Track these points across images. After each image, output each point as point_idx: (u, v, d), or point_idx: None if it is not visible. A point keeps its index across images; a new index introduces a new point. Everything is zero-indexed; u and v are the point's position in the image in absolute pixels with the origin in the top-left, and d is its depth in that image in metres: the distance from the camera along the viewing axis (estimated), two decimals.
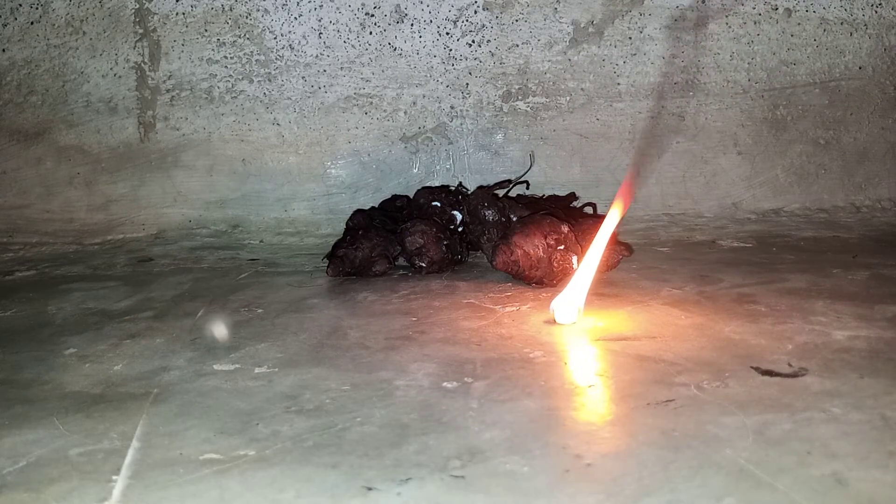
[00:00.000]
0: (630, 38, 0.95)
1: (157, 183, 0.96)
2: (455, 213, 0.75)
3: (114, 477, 0.32)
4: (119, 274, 0.76)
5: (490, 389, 0.41)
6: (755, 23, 0.96)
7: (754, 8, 0.96)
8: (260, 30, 0.94)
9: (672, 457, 0.32)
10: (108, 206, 0.95)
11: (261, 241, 0.90)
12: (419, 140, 0.96)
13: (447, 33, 0.94)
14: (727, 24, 0.96)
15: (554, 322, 0.54)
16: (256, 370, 0.46)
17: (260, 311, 0.60)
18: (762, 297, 0.59)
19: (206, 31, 0.94)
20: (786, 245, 0.81)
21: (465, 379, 0.43)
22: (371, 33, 0.94)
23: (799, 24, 0.97)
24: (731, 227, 0.91)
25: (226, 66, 0.95)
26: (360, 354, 0.48)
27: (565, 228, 0.65)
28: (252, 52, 0.94)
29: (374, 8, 0.94)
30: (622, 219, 0.57)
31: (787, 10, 0.96)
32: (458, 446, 0.34)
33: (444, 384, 0.42)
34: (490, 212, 0.73)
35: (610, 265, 0.69)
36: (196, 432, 0.36)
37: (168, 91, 0.95)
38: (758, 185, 0.98)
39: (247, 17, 0.94)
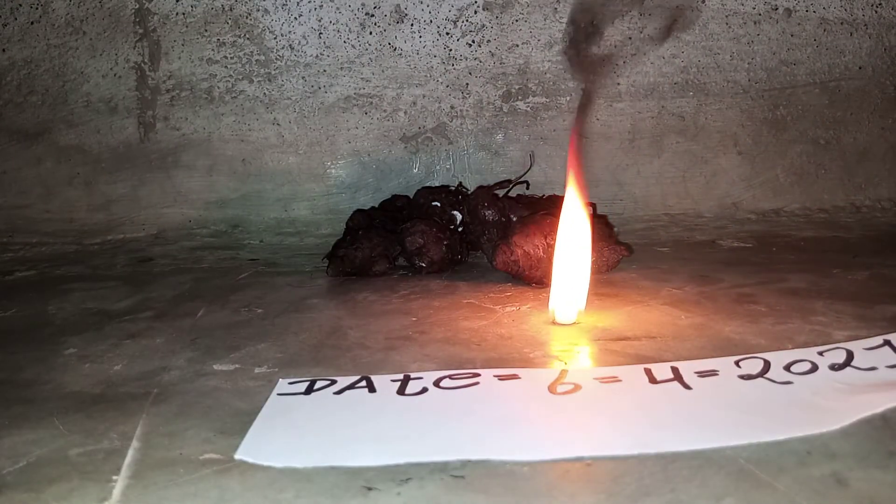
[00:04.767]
0: (630, 38, 0.95)
1: (157, 183, 0.96)
2: (455, 213, 0.75)
3: (114, 477, 0.32)
4: (119, 274, 0.76)
5: None
6: (755, 23, 0.96)
7: (754, 8, 0.96)
8: (260, 30, 0.94)
9: (672, 457, 0.32)
10: (108, 205, 0.95)
11: (261, 241, 0.90)
12: (419, 140, 0.96)
13: (447, 33, 0.95)
14: (727, 24, 0.96)
15: (554, 322, 0.54)
16: (256, 370, 0.46)
17: (260, 311, 0.60)
18: (762, 297, 0.59)
19: (206, 31, 0.94)
20: (786, 245, 0.81)
21: None
22: (371, 33, 0.94)
23: (799, 24, 0.97)
24: (731, 227, 0.91)
25: (226, 66, 0.95)
26: (360, 354, 0.48)
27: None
28: (252, 52, 0.94)
29: (374, 8, 0.94)
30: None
31: (787, 10, 0.96)
32: None
33: None
34: (490, 212, 0.73)
35: (610, 265, 0.69)
36: (196, 432, 0.36)
37: (168, 91, 0.95)
38: (758, 185, 0.98)
39: (247, 17, 0.94)
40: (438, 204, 0.76)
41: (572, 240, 0.55)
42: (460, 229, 0.75)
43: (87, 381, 0.45)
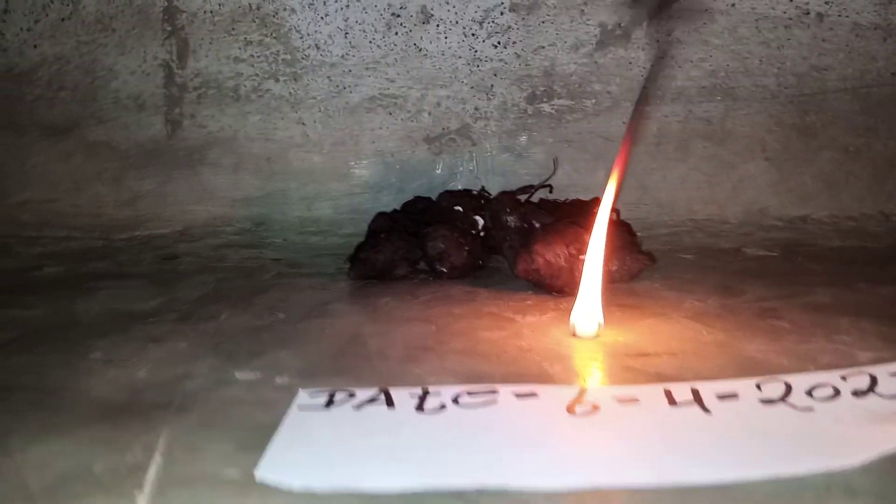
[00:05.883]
0: (657, 40, 0.94)
1: (184, 180, 0.97)
2: (477, 218, 0.75)
3: (136, 492, 0.32)
4: (145, 272, 0.77)
5: None
6: (785, 27, 0.94)
7: (785, 12, 0.94)
8: (286, 29, 0.94)
9: (690, 487, 0.32)
10: (134, 201, 0.97)
11: (284, 240, 0.91)
12: (443, 141, 0.96)
13: (473, 34, 0.94)
14: (757, 28, 0.94)
15: (574, 335, 0.54)
16: (277, 380, 0.46)
17: (282, 315, 0.60)
18: (785, 313, 0.58)
19: (233, 29, 0.94)
20: (812, 255, 0.80)
21: None
22: (397, 34, 0.94)
23: (831, 28, 0.95)
24: (756, 234, 0.90)
25: (252, 65, 0.95)
26: (379, 365, 0.48)
27: (588, 237, 0.64)
28: (278, 51, 0.95)
29: (401, 8, 0.94)
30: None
31: (819, 14, 0.94)
32: None
33: None
34: (512, 217, 0.73)
35: (632, 274, 0.68)
36: (217, 445, 0.37)
37: (195, 89, 0.96)
38: (785, 192, 0.97)
39: (274, 17, 0.94)
40: (461, 208, 0.76)
41: (594, 250, 0.55)
42: (482, 234, 0.75)
43: (112, 387, 0.45)
